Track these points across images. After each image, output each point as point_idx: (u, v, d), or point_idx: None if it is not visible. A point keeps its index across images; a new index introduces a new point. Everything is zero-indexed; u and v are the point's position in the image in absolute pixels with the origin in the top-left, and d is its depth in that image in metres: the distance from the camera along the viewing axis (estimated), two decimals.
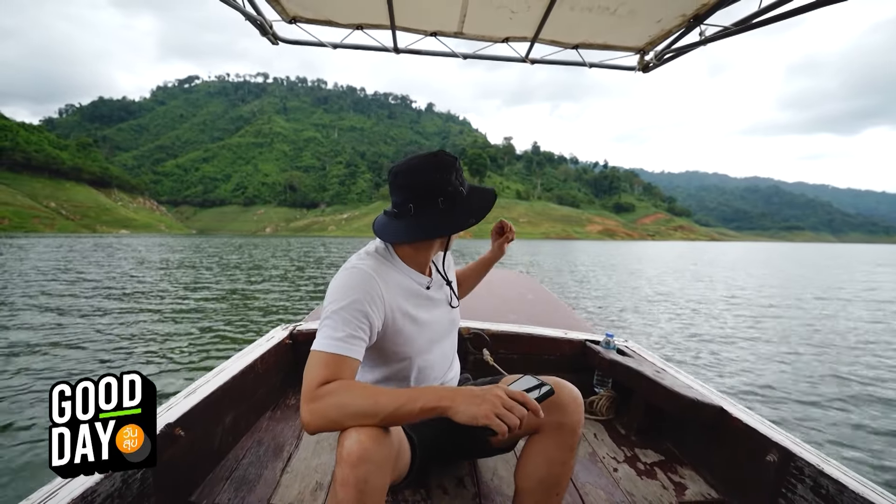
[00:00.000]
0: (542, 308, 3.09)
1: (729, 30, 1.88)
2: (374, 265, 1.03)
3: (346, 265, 1.03)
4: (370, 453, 0.80)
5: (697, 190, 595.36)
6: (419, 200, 1.02)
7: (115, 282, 12.16)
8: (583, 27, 2.15)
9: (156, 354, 5.22)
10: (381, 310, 0.99)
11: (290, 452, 1.47)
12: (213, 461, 1.35)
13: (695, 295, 12.67)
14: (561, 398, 0.99)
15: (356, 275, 0.98)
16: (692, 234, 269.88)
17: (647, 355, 1.95)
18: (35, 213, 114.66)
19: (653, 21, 2.01)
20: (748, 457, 1.29)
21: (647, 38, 2.20)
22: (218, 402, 1.35)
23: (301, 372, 1.86)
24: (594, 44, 2.28)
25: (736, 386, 4.81)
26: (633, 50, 2.31)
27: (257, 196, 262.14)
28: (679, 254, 50.31)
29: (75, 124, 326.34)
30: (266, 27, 2.18)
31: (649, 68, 2.37)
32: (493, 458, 1.46)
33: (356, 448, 0.80)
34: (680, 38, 2.10)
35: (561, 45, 2.32)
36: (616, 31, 2.16)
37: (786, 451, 1.17)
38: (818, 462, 1.10)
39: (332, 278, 1.01)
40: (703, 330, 7.72)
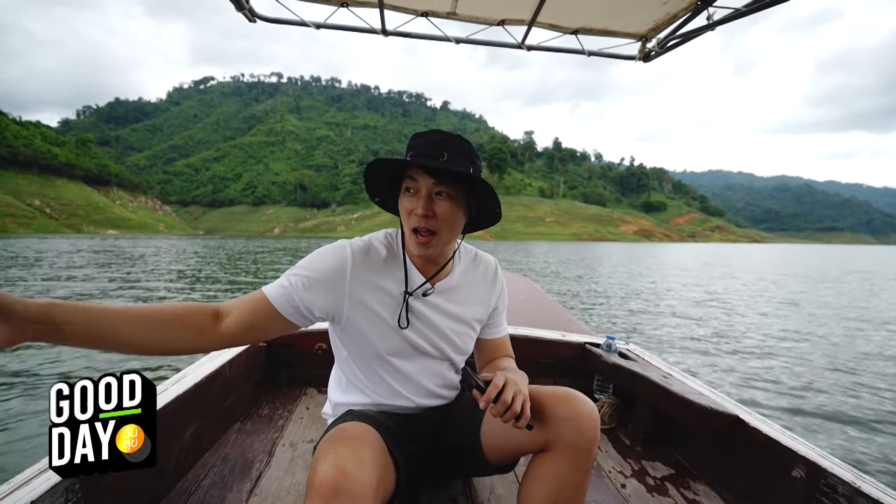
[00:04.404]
0: (537, 310, 2.90)
1: (740, 11, 1.77)
2: (362, 254, 0.98)
3: (342, 240, 1.00)
4: (349, 482, 0.71)
5: (722, 189, 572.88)
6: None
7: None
8: (583, 10, 2.07)
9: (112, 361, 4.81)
10: (334, 298, 0.94)
11: (260, 470, 1.32)
12: (166, 484, 1.18)
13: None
14: (577, 412, 0.88)
15: (331, 255, 0.96)
16: (731, 236, 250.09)
17: (651, 359, 1.83)
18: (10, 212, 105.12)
19: (658, 3, 1.91)
20: (770, 471, 1.19)
21: (650, 24, 2.10)
22: (175, 413, 1.21)
23: (277, 378, 1.67)
24: (594, 29, 2.20)
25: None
26: (636, 36, 2.23)
27: (267, 196, 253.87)
28: (744, 259, 40.35)
29: (91, 125, 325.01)
30: (242, 2, 2.05)
31: (650, 57, 2.27)
32: (491, 476, 1.32)
33: (331, 475, 0.71)
34: (686, 22, 1.99)
35: (559, 29, 2.22)
36: (618, 16, 2.07)
37: (814, 465, 1.06)
38: (852, 479, 0.99)
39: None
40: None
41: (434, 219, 0.91)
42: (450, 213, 0.92)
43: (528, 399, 0.86)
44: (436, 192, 0.91)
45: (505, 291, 1.18)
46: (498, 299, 1.15)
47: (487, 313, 1.13)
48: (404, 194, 0.95)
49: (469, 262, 1.12)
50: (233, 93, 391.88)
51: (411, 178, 0.92)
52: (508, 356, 1.20)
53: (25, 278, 12.65)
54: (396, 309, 1.00)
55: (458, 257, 1.09)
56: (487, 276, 1.13)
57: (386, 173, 0.97)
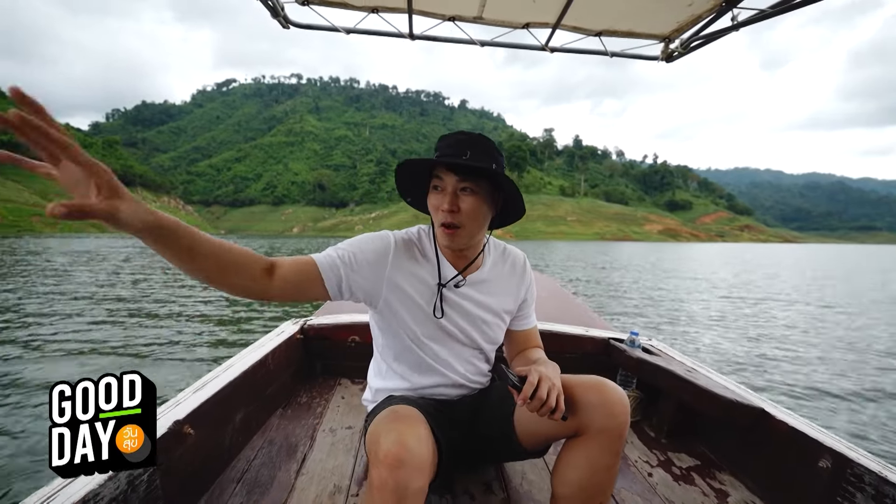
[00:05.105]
0: (559, 306, 2.94)
1: (765, 12, 1.75)
2: (404, 244, 1.05)
3: (386, 230, 1.07)
4: (410, 455, 0.76)
5: (749, 187, 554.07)
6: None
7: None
8: (608, 13, 2.09)
9: (160, 350, 5.20)
10: (375, 280, 1.01)
11: (304, 453, 1.40)
12: (222, 462, 1.28)
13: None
14: (608, 399, 0.92)
15: (377, 240, 1.04)
16: (761, 235, 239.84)
17: (674, 354, 1.86)
18: (37, 212, 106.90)
19: (683, 5, 1.92)
20: (795, 462, 1.21)
21: (674, 25, 2.11)
22: (228, 398, 1.29)
23: (312, 369, 1.80)
24: (618, 31, 2.21)
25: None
26: (659, 37, 2.25)
27: (286, 195, 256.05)
28: (787, 261, 36.94)
29: (119, 128, 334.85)
30: (278, 9, 2.13)
31: (673, 57, 2.28)
32: (522, 462, 1.38)
33: (395, 449, 0.76)
34: (710, 23, 2.00)
35: (583, 31, 2.25)
36: (642, 17, 2.09)
37: (840, 456, 1.08)
38: (879, 469, 1.00)
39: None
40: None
41: (459, 213, 0.97)
42: (474, 208, 0.97)
43: (562, 392, 0.89)
44: (461, 189, 0.96)
45: (533, 284, 1.22)
46: (527, 291, 1.20)
47: (517, 305, 1.18)
48: (432, 192, 1.01)
49: (498, 255, 1.17)
50: (254, 94, 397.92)
51: (438, 176, 0.98)
52: (538, 347, 1.23)
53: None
54: (431, 298, 1.06)
55: (488, 251, 1.14)
56: (516, 269, 1.18)
57: (415, 173, 1.04)
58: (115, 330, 6.23)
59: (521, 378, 0.90)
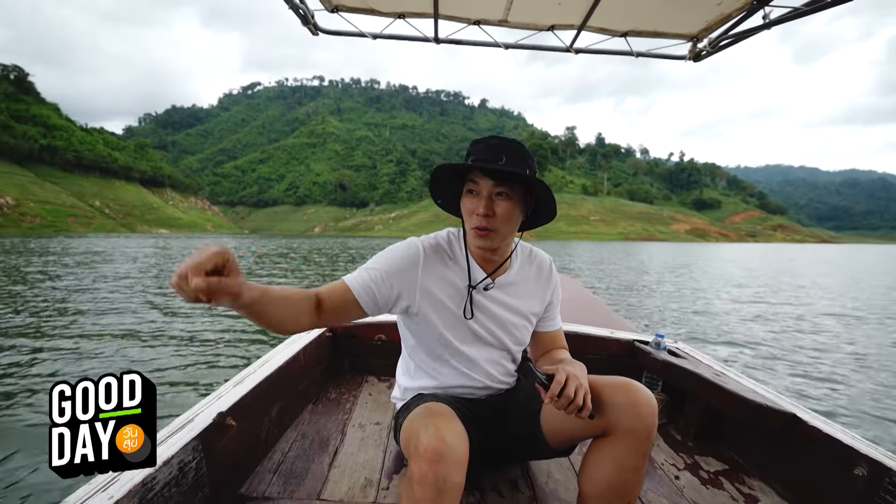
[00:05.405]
0: (582, 308, 2.95)
1: (799, 10, 1.70)
2: (432, 249, 1.08)
3: (413, 237, 1.10)
4: (449, 449, 0.78)
5: (782, 185, 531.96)
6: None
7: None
8: (634, 13, 2.07)
9: (185, 348, 5.27)
10: (408, 289, 1.05)
11: (336, 447, 1.45)
12: (260, 453, 1.34)
13: None
14: (635, 399, 0.93)
15: (405, 249, 1.07)
16: (796, 235, 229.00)
17: (701, 357, 1.84)
18: (73, 212, 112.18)
19: (712, 4, 1.89)
20: (829, 469, 1.19)
21: (702, 24, 2.07)
22: (265, 393, 1.34)
23: (340, 366, 1.91)
24: (644, 31, 2.17)
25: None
26: (686, 37, 2.20)
27: (308, 196, 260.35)
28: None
29: (150, 131, 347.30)
30: (308, 17, 2.16)
31: (701, 57, 2.24)
32: (547, 462, 1.39)
33: (434, 444, 0.78)
34: (740, 22, 1.95)
35: (609, 32, 2.22)
36: (669, 17, 2.06)
37: (878, 464, 1.05)
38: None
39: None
40: None
41: (494, 218, 0.99)
42: (508, 212, 0.99)
43: (589, 391, 0.89)
44: (496, 193, 0.98)
45: (559, 286, 1.23)
46: (553, 294, 1.21)
47: (543, 307, 1.20)
48: (466, 196, 1.02)
49: (525, 258, 1.19)
50: (277, 97, 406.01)
51: (472, 181, 1.00)
52: (563, 348, 1.25)
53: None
54: (461, 301, 1.08)
55: (516, 254, 1.16)
56: (542, 272, 1.19)
57: (447, 177, 1.05)
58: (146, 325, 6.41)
59: (548, 377, 0.91)
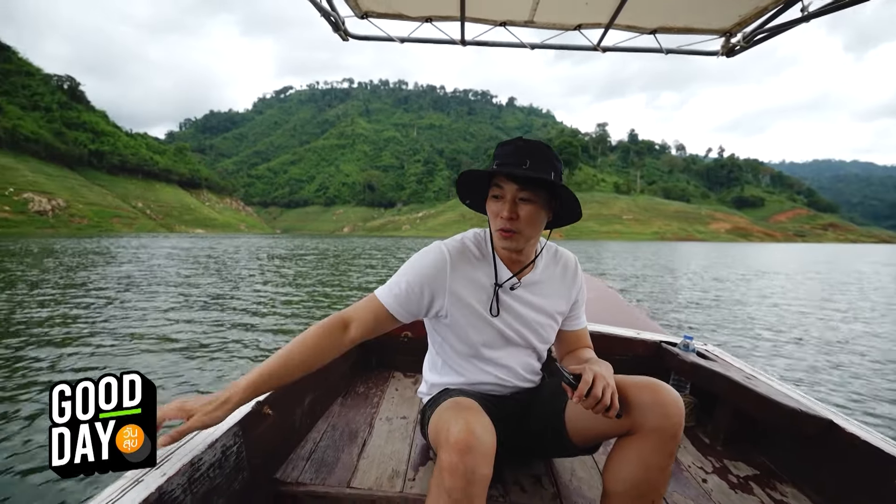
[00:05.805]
0: (608, 309, 2.90)
1: (840, 2, 1.62)
2: (458, 252, 1.09)
3: (437, 242, 1.11)
4: (479, 441, 0.80)
5: (832, 181, 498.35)
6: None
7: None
8: (663, 10, 2.03)
9: (224, 341, 5.38)
10: (439, 294, 1.07)
11: (364, 439, 1.49)
12: (294, 442, 1.39)
13: None
14: (662, 399, 0.92)
15: (431, 255, 1.08)
16: (849, 235, 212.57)
17: (732, 360, 1.80)
18: (117, 214, 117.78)
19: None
20: (868, 478, 1.16)
21: (735, 19, 2.00)
22: (298, 384, 1.35)
23: (368, 362, 2.00)
24: (674, 27, 2.11)
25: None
26: (719, 32, 2.12)
27: (337, 196, 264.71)
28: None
29: (190, 136, 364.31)
30: (339, 24, 2.22)
31: (734, 52, 2.17)
32: (570, 459, 1.40)
33: (464, 436, 0.80)
34: (776, 15, 1.88)
35: (637, 30, 2.17)
36: (700, 13, 2.01)
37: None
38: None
39: (421, 249, 1.11)
40: None
41: (518, 221, 1.00)
42: (532, 216, 1.01)
43: (616, 391, 0.91)
44: (520, 198, 0.99)
45: (584, 286, 1.25)
46: (578, 293, 1.22)
47: (569, 306, 1.21)
48: (491, 199, 1.05)
49: (550, 258, 1.20)
50: (308, 100, 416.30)
51: (497, 185, 1.02)
52: (588, 347, 1.26)
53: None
54: (488, 300, 1.10)
55: (541, 254, 1.17)
56: (568, 272, 1.20)
57: (473, 181, 1.07)
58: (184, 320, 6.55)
59: (575, 376, 0.92)
